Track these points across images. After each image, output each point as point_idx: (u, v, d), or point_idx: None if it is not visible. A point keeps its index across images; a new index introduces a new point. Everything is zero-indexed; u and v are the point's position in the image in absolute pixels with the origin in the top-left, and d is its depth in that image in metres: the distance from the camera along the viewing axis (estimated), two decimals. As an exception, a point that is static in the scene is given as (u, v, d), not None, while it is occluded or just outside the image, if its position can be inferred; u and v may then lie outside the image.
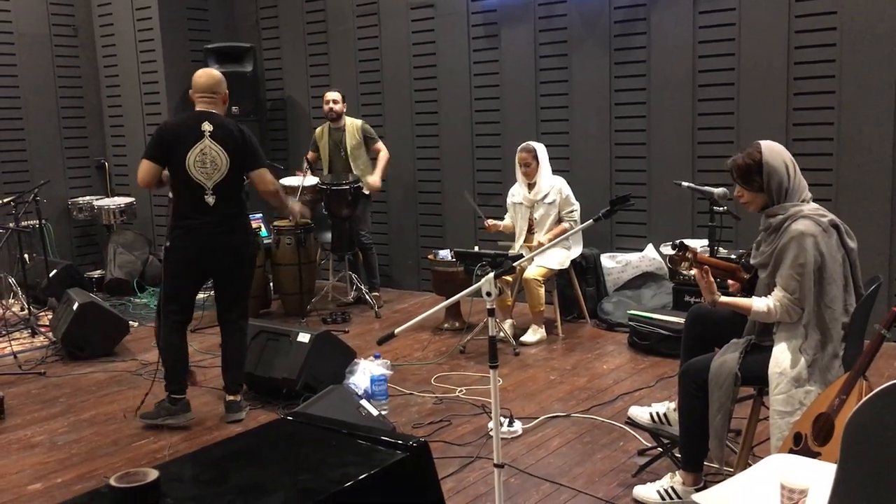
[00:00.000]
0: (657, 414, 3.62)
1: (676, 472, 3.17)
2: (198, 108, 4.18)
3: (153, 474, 1.19)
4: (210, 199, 4.13)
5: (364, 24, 7.09)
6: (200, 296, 7.01)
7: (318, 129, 6.60)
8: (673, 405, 3.53)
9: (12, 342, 5.67)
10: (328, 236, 6.57)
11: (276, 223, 6.54)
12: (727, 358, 2.97)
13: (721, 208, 4.69)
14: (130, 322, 5.95)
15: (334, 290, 6.80)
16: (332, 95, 6.44)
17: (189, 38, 7.54)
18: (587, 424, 4.02)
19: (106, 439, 4.08)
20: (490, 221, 5.66)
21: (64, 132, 7.74)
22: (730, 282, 3.28)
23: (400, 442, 1.38)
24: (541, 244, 5.42)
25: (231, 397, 4.31)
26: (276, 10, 7.67)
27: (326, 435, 1.43)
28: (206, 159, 4.09)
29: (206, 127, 4.09)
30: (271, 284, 6.64)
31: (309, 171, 6.35)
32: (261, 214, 7.20)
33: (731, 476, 2.41)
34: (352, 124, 6.44)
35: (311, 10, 7.41)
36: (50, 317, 6.20)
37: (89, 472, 3.70)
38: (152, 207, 7.73)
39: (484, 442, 3.81)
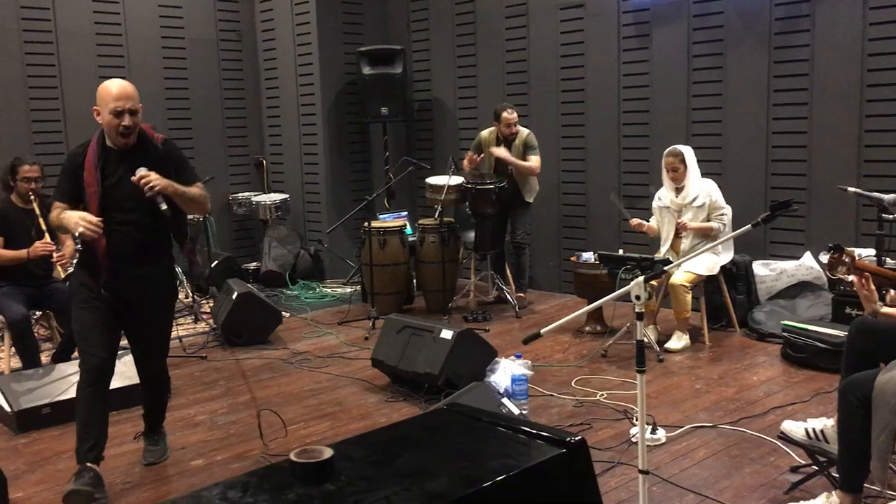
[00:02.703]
0: (813, 430, 3.44)
1: (833, 493, 3.01)
2: None
3: (328, 452, 1.26)
4: None
5: (512, 24, 7.13)
6: (346, 289, 7.33)
7: (486, 134, 6.52)
8: (831, 422, 3.34)
9: (178, 327, 6.08)
10: (471, 235, 6.66)
11: (420, 221, 6.69)
12: (894, 374, 2.79)
13: (891, 216, 4.40)
14: (283, 312, 6.25)
15: (476, 288, 6.88)
16: (512, 117, 6.28)
17: (343, 41, 7.83)
18: (735, 437, 3.87)
19: (261, 422, 4.30)
20: (635, 221, 5.54)
21: (227, 131, 8.23)
22: (893, 293, 3.08)
23: (558, 438, 1.39)
24: (685, 224, 5.25)
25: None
26: (426, 13, 7.84)
27: (485, 426, 1.47)
28: None
29: None
30: (415, 281, 6.79)
31: (454, 170, 6.43)
32: (406, 213, 7.38)
33: (894, 500, 2.27)
34: (519, 135, 6.37)
35: (460, 11, 7.52)
36: (211, 305, 6.61)
37: (245, 451, 3.93)
38: (304, 204, 8.08)
39: (626, 448, 3.75)
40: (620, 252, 5.53)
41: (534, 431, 1.43)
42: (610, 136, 6.60)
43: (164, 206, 3.38)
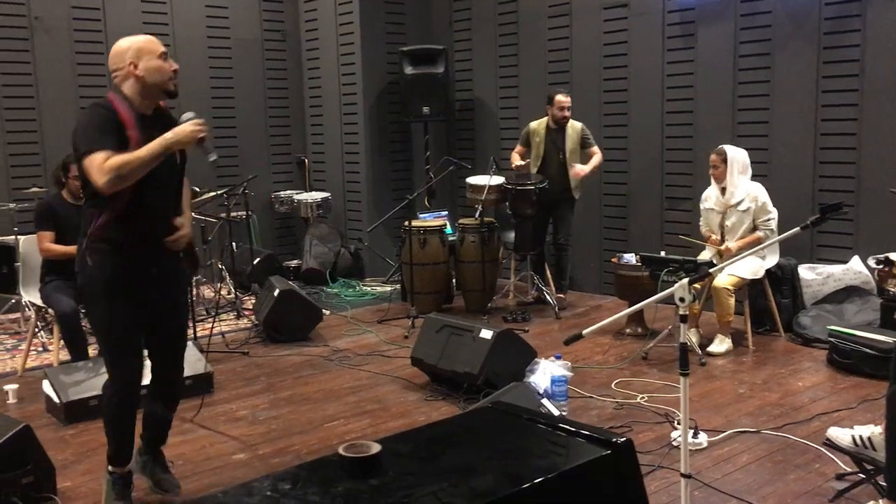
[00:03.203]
0: (860, 437, 3.37)
1: (880, 501, 2.95)
2: None
3: (376, 447, 1.27)
4: None
5: (555, 24, 7.10)
6: (386, 288, 7.36)
7: (535, 125, 6.51)
8: (878, 429, 3.27)
9: (221, 323, 6.18)
10: (511, 235, 6.64)
11: (461, 221, 6.69)
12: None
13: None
14: (324, 311, 6.29)
15: (515, 289, 6.87)
16: (566, 101, 6.30)
17: (386, 41, 7.87)
18: (779, 442, 3.81)
19: (301, 418, 4.35)
20: (714, 237, 5.46)
21: (270, 130, 8.33)
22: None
23: (604, 438, 1.39)
24: (729, 250, 5.20)
25: None
26: (469, 13, 7.84)
27: (530, 425, 1.47)
28: None
29: None
30: (454, 280, 6.80)
31: (494, 170, 6.41)
32: (447, 212, 7.39)
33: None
34: (573, 126, 6.35)
35: (503, 11, 7.51)
36: (253, 301, 6.69)
37: (286, 447, 3.97)
38: (345, 202, 8.14)
39: (667, 451, 3.72)
40: (662, 254, 5.48)
41: (579, 431, 1.43)
42: (653, 137, 6.54)
43: (213, 157, 3.09)
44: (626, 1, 6.58)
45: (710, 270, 3.06)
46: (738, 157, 5.33)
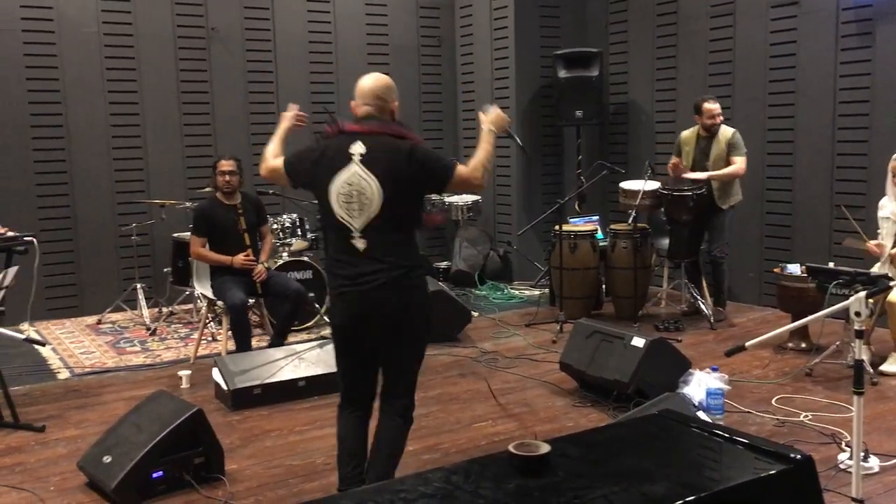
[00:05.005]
0: None
1: None
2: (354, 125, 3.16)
3: (546, 447, 1.28)
4: (359, 244, 3.08)
5: (718, 24, 6.85)
6: (534, 292, 7.34)
7: (686, 134, 6.34)
8: None
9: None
10: (665, 242, 6.46)
11: (612, 226, 6.58)
12: None
13: None
14: (472, 312, 6.35)
15: (668, 297, 6.67)
16: (715, 108, 6.06)
17: (540, 44, 7.86)
18: (962, 474, 3.51)
19: (450, 417, 4.42)
20: (873, 243, 5.10)
21: (423, 134, 8.48)
22: None
23: (783, 453, 1.32)
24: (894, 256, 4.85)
25: None
26: (625, 15, 7.70)
27: (702, 435, 1.42)
28: (353, 190, 3.04)
29: (357, 149, 3.06)
30: (604, 286, 6.69)
31: (650, 175, 6.25)
32: (597, 217, 7.29)
33: None
34: (723, 133, 6.10)
35: (661, 12, 7.32)
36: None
37: (435, 444, 4.04)
38: (495, 206, 8.19)
39: (833, 474, 3.50)
40: (831, 265, 5.16)
41: (755, 445, 1.37)
42: (823, 142, 6.18)
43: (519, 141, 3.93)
44: (796, -2, 6.26)
45: (890, 284, 2.86)
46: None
